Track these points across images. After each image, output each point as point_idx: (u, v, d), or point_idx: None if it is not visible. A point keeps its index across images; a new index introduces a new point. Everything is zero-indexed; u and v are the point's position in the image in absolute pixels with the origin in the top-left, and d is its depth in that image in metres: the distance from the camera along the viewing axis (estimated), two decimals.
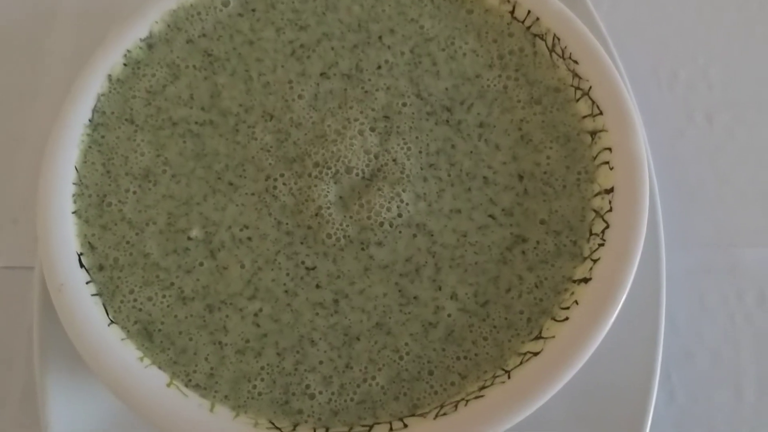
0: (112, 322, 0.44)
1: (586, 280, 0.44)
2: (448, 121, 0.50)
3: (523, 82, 0.51)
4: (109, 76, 0.51)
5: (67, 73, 0.65)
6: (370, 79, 0.51)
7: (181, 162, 0.49)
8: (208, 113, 0.50)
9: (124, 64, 0.51)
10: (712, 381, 0.55)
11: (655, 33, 0.68)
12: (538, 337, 0.44)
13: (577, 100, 0.50)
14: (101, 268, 0.46)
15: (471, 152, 0.49)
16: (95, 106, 0.50)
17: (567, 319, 0.43)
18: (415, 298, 0.45)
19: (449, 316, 0.45)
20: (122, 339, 0.44)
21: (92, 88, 0.50)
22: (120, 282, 0.46)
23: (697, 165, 0.63)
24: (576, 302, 0.44)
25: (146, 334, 0.44)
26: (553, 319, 0.44)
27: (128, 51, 0.52)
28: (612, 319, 0.43)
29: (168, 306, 0.45)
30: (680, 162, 0.63)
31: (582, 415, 0.50)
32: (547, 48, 0.52)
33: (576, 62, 0.50)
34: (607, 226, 0.46)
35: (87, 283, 0.45)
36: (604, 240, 0.45)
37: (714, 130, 0.64)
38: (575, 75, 0.50)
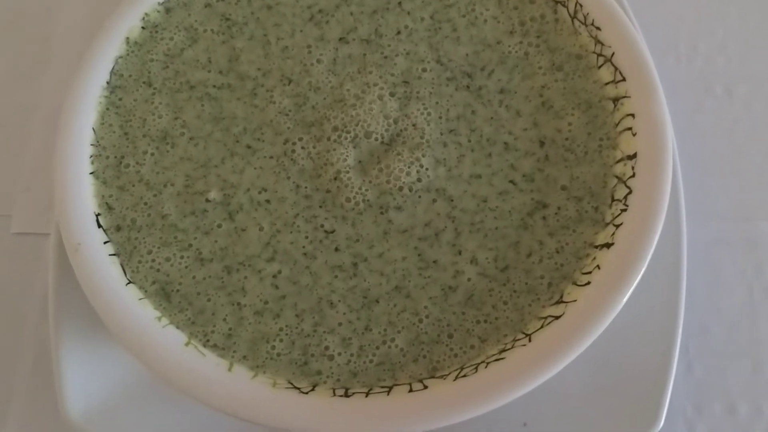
0: (129, 281, 0.44)
1: (608, 245, 0.43)
2: (468, 86, 0.49)
3: (545, 48, 0.50)
4: (127, 38, 0.50)
5: (80, 41, 0.64)
6: (389, 45, 0.50)
7: (198, 125, 0.48)
8: (226, 77, 0.50)
9: (142, 27, 0.51)
10: (730, 353, 0.55)
11: (674, 6, 0.67)
12: (559, 302, 0.43)
13: (599, 67, 0.49)
14: (119, 228, 0.46)
15: (491, 118, 0.48)
16: (113, 68, 0.49)
17: (588, 283, 0.42)
18: (434, 262, 0.45)
19: (469, 280, 0.44)
20: (140, 299, 0.43)
21: (110, 50, 0.49)
22: (138, 243, 0.46)
23: (716, 138, 0.62)
24: (598, 267, 0.43)
25: (164, 294, 0.44)
26: (575, 283, 0.43)
27: (146, 14, 0.51)
28: (635, 283, 0.43)
29: (186, 267, 0.45)
30: (699, 135, 0.63)
31: (601, 385, 0.49)
32: (569, 14, 0.51)
33: (598, 28, 0.49)
34: (630, 192, 0.44)
35: (105, 243, 0.45)
36: (627, 205, 0.44)
37: (733, 103, 0.63)
38: (597, 41, 0.49)
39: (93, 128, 0.48)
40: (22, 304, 0.58)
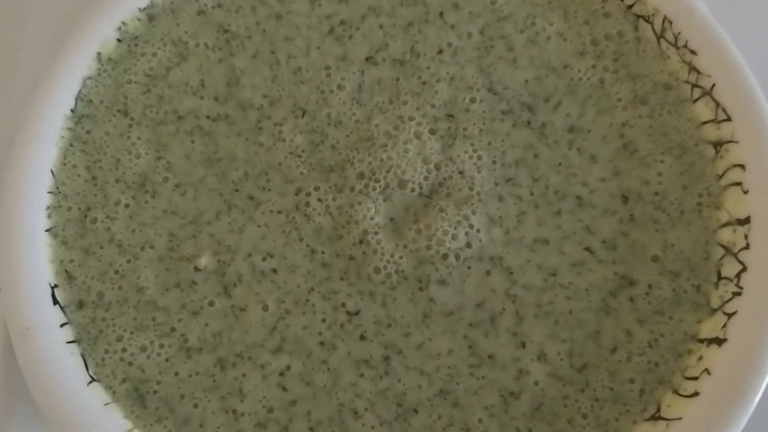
0: (93, 379, 0.37)
1: (718, 341, 0.37)
2: (529, 122, 0.43)
3: (624, 75, 0.43)
4: (99, 54, 0.44)
5: (52, 44, 0.53)
6: (428, 67, 0.44)
7: (187, 168, 0.42)
8: (224, 105, 0.43)
9: (118, 40, 0.44)
10: None
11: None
12: (656, 417, 0.36)
13: (695, 101, 0.42)
14: (81, 305, 0.39)
15: (559, 164, 0.42)
16: (80, 92, 0.43)
17: (696, 394, 0.36)
18: (490, 357, 0.38)
19: (536, 383, 0.38)
20: (106, 404, 0.37)
21: (76, 69, 0.43)
22: (105, 326, 0.39)
23: None
24: (707, 371, 0.36)
25: (138, 398, 0.38)
26: (676, 392, 0.37)
27: (123, 23, 0.45)
28: (758, 395, 0.35)
29: (167, 360, 0.38)
30: None
31: None
32: (655, 33, 0.44)
33: (693, 52, 0.42)
34: (744, 269, 0.38)
35: (62, 326, 0.38)
36: (741, 288, 0.38)
37: None
38: (692, 69, 0.42)
39: (51, 170, 0.41)
40: None
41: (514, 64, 0.44)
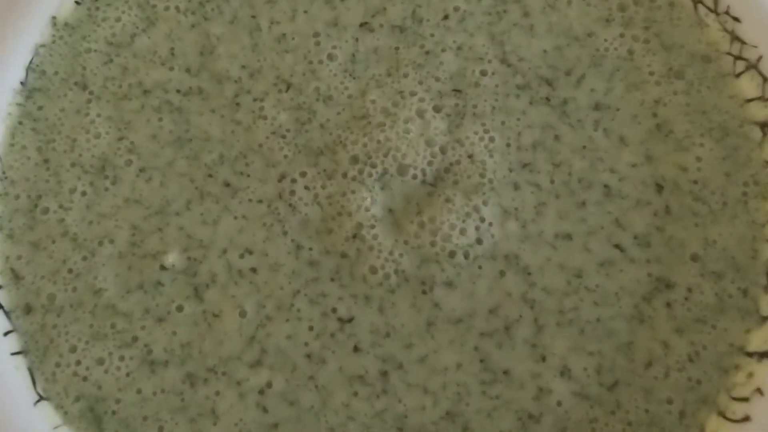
0: (41, 398, 0.35)
1: None
2: (548, 99, 0.40)
3: (656, 45, 0.41)
4: (54, 19, 0.41)
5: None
6: (432, 34, 0.41)
7: (154, 149, 0.39)
8: (196, 78, 0.40)
9: (76, 2, 0.42)
10: None
11: None
12: None
13: (738, 75, 0.40)
14: (29, 310, 0.36)
15: (584, 147, 0.39)
16: (31, 62, 0.40)
17: (747, 419, 0.33)
18: (505, 372, 0.35)
19: (559, 404, 0.35)
20: (56, 427, 0.34)
21: (27, 35, 0.40)
22: (57, 334, 0.36)
23: None
24: (759, 391, 0.33)
25: (93, 419, 0.35)
26: (723, 416, 0.34)
27: None
28: None
29: (128, 374, 0.35)
30: None
31: None
32: None
33: (736, 20, 0.40)
34: None
35: (5, 334, 0.36)
36: None
37: None
38: (735, 38, 0.40)
39: None
40: None
41: (531, 32, 0.41)
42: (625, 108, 0.39)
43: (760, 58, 0.38)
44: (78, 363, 0.35)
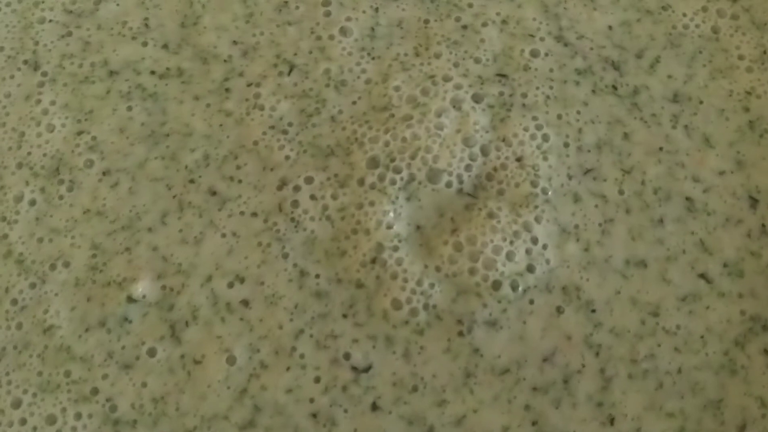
0: None
1: None
2: (615, 87, 0.36)
3: (747, 22, 0.37)
4: None
5: None
6: (471, 4, 0.37)
7: (121, 147, 0.35)
8: (176, 56, 0.36)
9: None
10: None
11: None
12: None
13: None
14: None
15: (660, 149, 0.34)
16: None
17: None
18: None
19: None
20: None
21: None
22: None
23: None
24: None
25: None
26: None
27: None
28: None
29: None
30: None
31: None
32: None
33: None
34: None
35: None
36: None
37: None
38: None
39: None
40: None
41: (594, 3, 0.37)
42: (710, 100, 0.35)
43: None
44: (23, 422, 0.29)
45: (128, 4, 0.36)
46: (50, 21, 0.35)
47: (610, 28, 0.36)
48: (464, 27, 0.35)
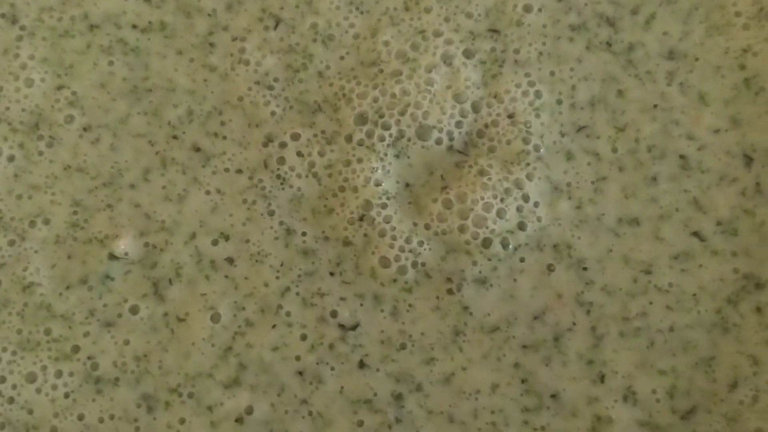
0: None
1: None
2: (609, 43, 0.35)
3: None
4: None
5: None
6: None
7: (103, 102, 0.34)
8: (158, 9, 0.36)
9: None
10: None
11: None
12: None
13: None
14: None
15: (654, 107, 0.34)
16: None
17: None
18: (553, 396, 0.31)
19: None
20: None
21: None
22: None
23: None
24: None
25: None
26: None
27: None
28: None
29: (67, 395, 0.30)
30: None
31: None
32: None
33: None
34: None
35: None
36: None
37: None
38: None
39: None
40: None
41: None
42: (706, 57, 0.34)
43: None
44: (2, 380, 0.30)
45: None
46: None
47: None
48: None
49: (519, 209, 0.31)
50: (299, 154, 0.32)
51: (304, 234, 0.31)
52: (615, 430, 0.30)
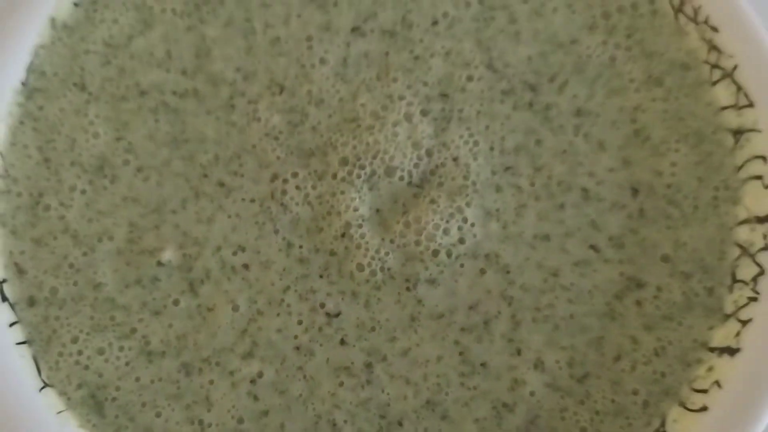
0: (45, 384, 0.36)
1: (731, 351, 0.35)
2: (531, 104, 0.40)
3: (638, 53, 0.40)
4: (53, 20, 0.40)
5: None
6: (421, 40, 0.41)
7: (150, 149, 0.39)
8: (192, 80, 0.40)
9: (75, 4, 0.41)
10: None
11: None
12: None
13: (714, 84, 0.39)
14: (32, 302, 0.37)
15: (564, 152, 0.39)
16: (31, 63, 0.40)
17: (704, 408, 0.34)
18: (482, 365, 0.36)
19: (532, 394, 0.36)
20: (59, 412, 0.35)
21: (27, 36, 0.40)
22: (59, 325, 0.37)
23: None
24: (717, 383, 0.35)
25: (95, 405, 0.36)
26: (683, 406, 0.35)
27: None
28: None
29: (127, 364, 0.36)
30: None
31: None
32: (672, 6, 0.41)
33: (715, 29, 0.39)
34: (761, 272, 0.36)
35: (11, 325, 0.36)
36: (757, 293, 0.36)
37: None
38: (712, 47, 0.39)
39: (0, 151, 0.38)
40: None
41: (517, 39, 0.41)
42: (606, 114, 0.39)
43: (735, 67, 0.38)
44: (80, 353, 0.36)
45: (154, 39, 0.40)
46: (93, 52, 0.40)
47: (529, 57, 0.39)
48: (416, 57, 0.39)
49: (460, 228, 0.37)
50: (297, 187, 0.38)
51: (300, 247, 0.37)
52: (527, 389, 0.36)
